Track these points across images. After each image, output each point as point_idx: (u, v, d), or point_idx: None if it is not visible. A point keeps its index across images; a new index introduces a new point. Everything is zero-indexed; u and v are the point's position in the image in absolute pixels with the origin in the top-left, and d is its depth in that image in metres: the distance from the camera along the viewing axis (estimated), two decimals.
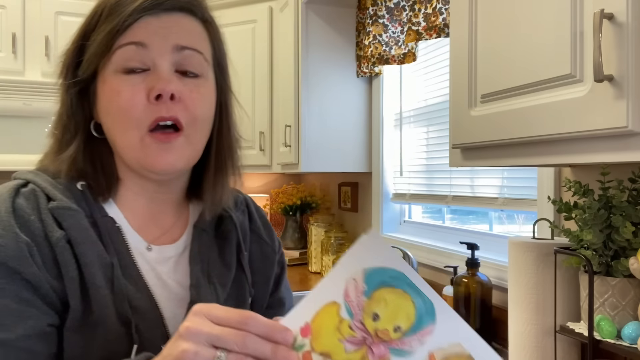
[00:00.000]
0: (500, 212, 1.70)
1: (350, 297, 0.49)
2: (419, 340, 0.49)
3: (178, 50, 0.70)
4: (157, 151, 0.68)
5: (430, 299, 0.49)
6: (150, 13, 0.69)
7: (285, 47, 2.40)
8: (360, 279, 0.49)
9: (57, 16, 2.72)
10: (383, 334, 0.49)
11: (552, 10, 0.77)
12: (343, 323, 0.49)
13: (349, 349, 0.49)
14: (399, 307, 0.49)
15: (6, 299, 0.61)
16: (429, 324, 0.49)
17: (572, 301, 1.06)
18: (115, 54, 0.68)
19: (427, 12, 1.76)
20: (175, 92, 0.68)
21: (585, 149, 0.73)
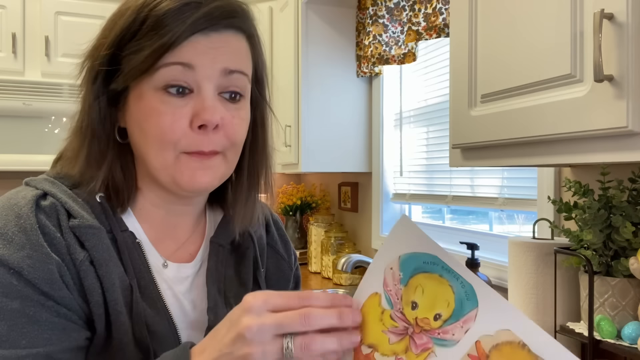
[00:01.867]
0: (500, 212, 1.70)
1: (388, 287, 0.49)
2: (461, 328, 0.46)
3: (226, 74, 0.66)
4: (193, 170, 0.66)
5: (469, 281, 0.46)
6: (201, 32, 0.64)
7: (285, 47, 2.40)
8: (396, 267, 0.49)
9: (57, 16, 2.72)
10: (424, 323, 0.48)
11: (552, 10, 0.77)
12: (385, 313, 0.49)
13: (392, 340, 0.49)
14: (436, 293, 0.47)
15: (47, 314, 0.59)
16: (471, 309, 0.45)
17: (572, 301, 1.06)
18: (158, 71, 0.64)
19: (427, 12, 1.76)
20: (219, 122, 0.65)
21: (585, 149, 0.73)
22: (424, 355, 0.47)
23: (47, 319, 0.59)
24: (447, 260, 0.47)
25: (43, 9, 2.70)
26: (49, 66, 2.70)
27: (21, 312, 0.58)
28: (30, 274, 0.59)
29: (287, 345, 0.49)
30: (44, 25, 2.70)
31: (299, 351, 0.49)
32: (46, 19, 2.70)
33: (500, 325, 0.44)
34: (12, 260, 0.59)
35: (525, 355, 0.43)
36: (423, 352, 0.47)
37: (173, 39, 0.63)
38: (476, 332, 0.45)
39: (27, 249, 0.59)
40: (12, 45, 2.65)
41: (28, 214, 0.61)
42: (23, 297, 0.59)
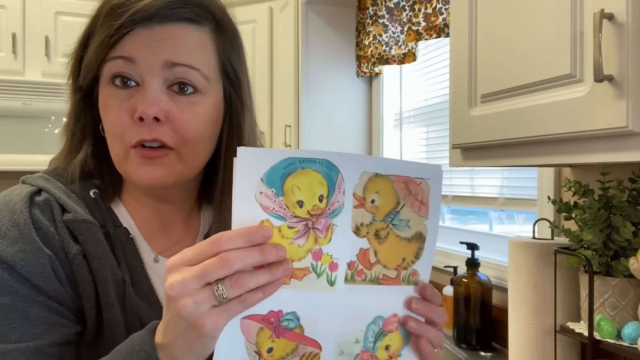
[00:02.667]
0: (500, 212, 1.70)
1: (270, 207, 0.50)
2: (339, 192, 0.53)
3: (169, 66, 0.65)
4: (141, 165, 0.66)
5: (323, 157, 0.52)
6: (142, 25, 0.64)
7: (285, 47, 2.40)
8: (264, 187, 0.50)
9: (57, 16, 2.72)
10: (315, 210, 0.52)
11: (552, 10, 0.77)
12: (282, 229, 0.51)
13: (301, 243, 0.51)
14: (309, 182, 0.51)
15: (37, 308, 0.60)
16: (337, 175, 0.52)
17: (572, 301, 1.06)
18: (105, 66, 0.66)
19: (427, 12, 1.76)
20: (158, 114, 0.64)
21: (585, 149, 0.73)
22: (330, 232, 0.53)
23: (37, 313, 0.60)
24: (298, 154, 0.51)
25: (43, 9, 2.70)
26: (49, 66, 2.70)
27: (12, 307, 0.59)
28: (22, 268, 0.60)
29: (217, 288, 0.47)
30: (44, 25, 2.70)
31: (231, 289, 0.47)
32: (46, 19, 2.70)
33: (357, 171, 0.53)
34: (5, 254, 0.60)
35: (382, 181, 0.55)
36: (328, 231, 0.52)
37: (113, 32, 0.64)
38: (349, 187, 0.53)
39: (20, 243, 0.61)
40: (12, 45, 2.66)
41: (22, 209, 0.63)
42: (14, 292, 0.59)
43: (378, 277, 0.57)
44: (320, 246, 0.52)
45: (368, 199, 0.55)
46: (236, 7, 0.78)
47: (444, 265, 1.67)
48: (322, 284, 0.53)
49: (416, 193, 0.58)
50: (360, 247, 0.55)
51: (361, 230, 0.55)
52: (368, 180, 0.54)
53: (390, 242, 0.57)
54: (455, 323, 1.46)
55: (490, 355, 1.38)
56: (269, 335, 0.51)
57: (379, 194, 0.55)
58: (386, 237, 0.57)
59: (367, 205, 0.55)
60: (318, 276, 0.53)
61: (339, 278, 0.54)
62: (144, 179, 0.66)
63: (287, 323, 0.52)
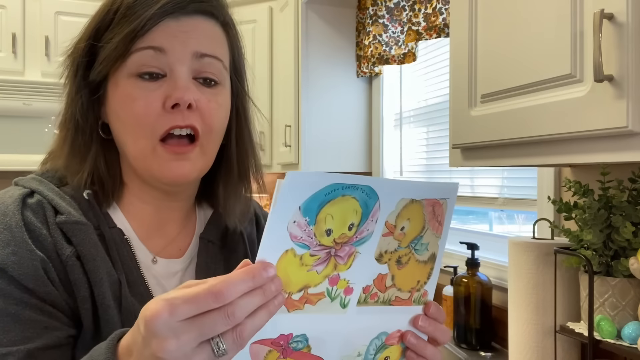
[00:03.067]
0: (500, 212, 1.70)
1: (298, 237, 0.47)
2: (372, 221, 0.50)
3: (197, 57, 0.66)
4: (169, 162, 0.66)
5: (366, 184, 0.48)
6: (171, 16, 0.65)
7: (285, 47, 2.40)
8: (299, 217, 0.47)
9: (57, 16, 2.72)
10: (341, 239, 0.49)
11: (552, 10, 0.77)
12: (304, 257, 0.48)
13: (320, 269, 0.49)
14: (343, 210, 0.48)
15: (29, 312, 0.60)
16: (374, 204, 0.49)
17: (572, 301, 1.06)
18: (131, 57, 0.65)
19: (427, 12, 1.76)
20: (193, 101, 0.65)
21: (585, 149, 0.73)
22: (351, 260, 0.50)
23: (29, 317, 0.59)
24: (343, 179, 0.47)
25: (43, 9, 2.70)
26: (49, 66, 2.70)
27: (3, 311, 0.59)
28: (14, 271, 0.59)
29: (217, 347, 0.44)
30: (44, 25, 2.70)
31: (233, 345, 0.44)
32: (46, 19, 2.70)
33: (396, 198, 0.51)
34: None
35: (415, 206, 0.53)
36: (349, 259, 0.50)
37: (142, 23, 0.64)
38: (383, 215, 0.51)
39: (12, 245, 0.60)
40: (12, 45, 2.66)
41: (14, 212, 0.62)
42: (6, 296, 0.59)
43: (390, 299, 0.56)
44: (339, 272, 0.51)
45: (399, 226, 0.53)
46: (236, 7, 0.79)
47: (444, 265, 1.67)
48: (335, 307, 0.52)
49: (438, 214, 0.57)
50: (379, 273, 0.54)
51: (384, 257, 0.53)
52: (403, 208, 0.53)
53: (410, 267, 0.56)
54: (455, 323, 1.46)
55: (490, 355, 1.38)
56: (277, 356, 0.50)
57: (410, 220, 0.54)
58: (407, 263, 0.56)
59: (397, 232, 0.53)
60: (332, 300, 0.51)
61: (352, 301, 0.53)
62: (173, 175, 0.66)
63: (295, 345, 0.51)
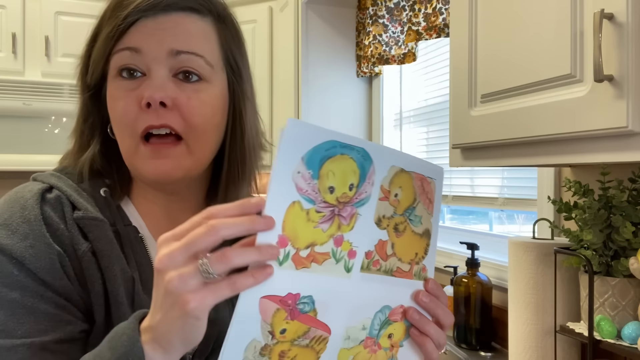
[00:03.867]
0: (500, 212, 1.70)
1: (303, 189, 0.50)
2: (369, 183, 0.54)
3: (174, 55, 0.66)
4: (150, 160, 0.66)
5: (361, 146, 0.52)
6: (146, 15, 0.65)
7: (285, 47, 2.40)
8: (303, 168, 0.49)
9: (57, 16, 2.72)
10: (343, 198, 0.52)
11: (552, 10, 0.77)
12: (310, 212, 0.50)
13: (325, 228, 0.52)
14: (344, 169, 0.52)
15: (45, 305, 0.60)
16: (369, 166, 0.54)
17: (572, 301, 1.06)
18: (112, 59, 0.67)
19: (427, 12, 1.76)
20: (165, 99, 0.65)
21: (585, 149, 0.73)
22: (353, 220, 0.53)
23: (44, 310, 0.60)
24: (341, 138, 0.51)
25: (43, 9, 2.70)
26: (49, 66, 2.70)
27: (20, 303, 0.59)
28: (32, 264, 0.60)
29: (202, 263, 0.45)
30: (44, 25, 2.70)
31: (216, 264, 0.45)
32: (46, 19, 2.70)
33: (387, 164, 0.55)
34: (15, 249, 0.60)
35: (405, 176, 0.57)
36: (351, 219, 0.53)
37: (118, 24, 0.65)
38: (377, 180, 0.55)
39: (30, 239, 0.61)
40: (12, 45, 2.65)
41: (33, 206, 0.63)
42: (23, 288, 0.60)
43: (392, 269, 0.58)
44: (343, 233, 0.53)
45: (392, 192, 0.57)
46: (236, 7, 0.78)
47: (444, 265, 1.67)
48: (340, 269, 0.54)
49: (427, 191, 0.61)
50: (380, 239, 0.56)
51: (382, 222, 0.56)
52: (394, 175, 0.56)
53: (407, 236, 0.59)
54: (455, 323, 1.46)
55: (490, 355, 1.39)
56: (284, 316, 0.51)
57: (402, 189, 0.57)
58: (404, 231, 0.59)
59: (391, 198, 0.57)
60: (337, 262, 0.53)
61: (355, 265, 0.55)
62: (153, 173, 0.67)
63: (302, 306, 0.52)
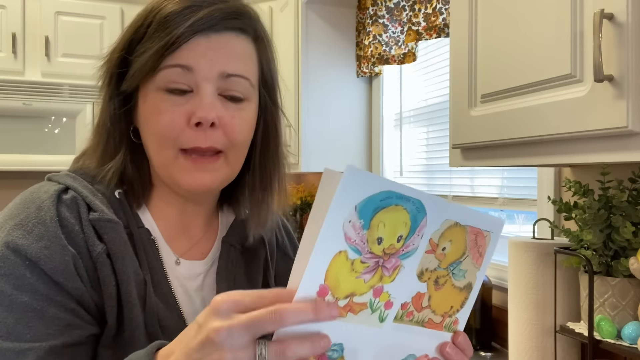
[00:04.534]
0: (500, 212, 1.70)
1: (352, 239, 0.48)
2: (418, 236, 0.52)
3: (224, 77, 0.67)
4: (191, 172, 0.67)
5: (417, 197, 0.50)
6: (200, 34, 0.66)
7: (285, 47, 2.40)
8: (355, 217, 0.47)
9: (57, 16, 2.72)
10: (390, 249, 0.50)
11: (552, 10, 0.77)
12: (355, 263, 0.49)
13: (367, 279, 0.50)
14: (395, 220, 0.50)
15: (54, 309, 0.60)
16: (422, 219, 0.51)
17: (572, 301, 1.06)
18: (160, 73, 0.66)
19: (427, 12, 1.76)
20: (216, 120, 0.66)
21: (585, 149, 0.73)
22: (395, 273, 0.52)
23: (54, 314, 0.60)
24: (398, 189, 0.49)
25: (43, 9, 2.70)
26: (49, 66, 2.70)
27: (29, 306, 0.60)
28: (45, 265, 0.60)
29: (260, 352, 0.45)
30: (44, 25, 2.70)
31: (274, 356, 0.45)
32: (46, 19, 2.70)
33: (442, 218, 0.53)
34: (31, 250, 0.61)
35: (459, 230, 0.55)
36: (394, 272, 0.52)
37: (172, 40, 0.65)
38: (428, 232, 0.52)
39: (45, 240, 0.62)
40: (12, 45, 2.65)
41: (49, 207, 0.64)
42: (33, 291, 0.60)
43: (424, 320, 0.57)
44: (383, 284, 0.51)
45: (440, 246, 0.54)
46: None
47: None
48: (374, 319, 0.52)
49: (480, 245, 0.58)
50: (418, 291, 0.55)
51: (424, 275, 0.55)
52: (447, 228, 0.54)
53: (446, 290, 0.57)
54: None
55: (490, 355, 1.38)
56: None
57: (452, 242, 0.55)
58: (444, 285, 0.57)
59: (438, 252, 0.54)
60: (372, 312, 0.52)
61: (389, 316, 0.53)
62: (193, 185, 0.68)
63: (331, 353, 0.51)
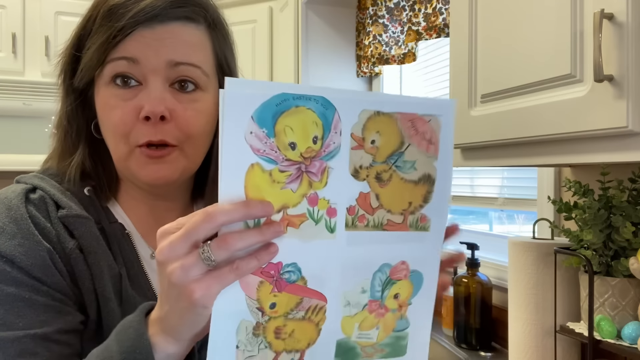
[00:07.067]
0: (500, 212, 1.70)
1: (260, 149, 0.46)
2: (336, 133, 0.49)
3: (172, 66, 0.66)
4: (147, 165, 0.66)
5: (318, 94, 0.48)
6: (144, 25, 0.64)
7: (285, 47, 2.40)
8: (254, 127, 0.45)
9: (57, 16, 2.72)
10: (309, 153, 0.48)
11: (552, 10, 0.77)
12: (273, 173, 0.47)
13: (294, 187, 0.48)
14: (302, 122, 0.47)
15: (42, 297, 0.61)
16: (333, 115, 0.49)
17: (572, 301, 1.06)
18: (106, 67, 0.65)
19: (427, 12, 1.76)
20: (164, 112, 0.64)
21: (585, 149, 0.73)
22: (325, 175, 0.49)
23: (42, 302, 0.60)
24: (293, 89, 0.47)
25: (43, 9, 2.70)
26: (49, 66, 2.70)
27: (17, 296, 0.60)
28: (22, 262, 0.60)
29: (203, 250, 0.45)
30: (44, 25, 2.70)
31: (217, 250, 0.45)
32: (46, 19, 2.70)
33: (356, 110, 0.49)
34: (4, 248, 0.60)
35: (384, 119, 0.51)
36: (323, 175, 0.49)
37: (114, 33, 0.64)
38: (346, 127, 0.49)
39: (18, 237, 0.61)
40: (12, 45, 2.66)
41: (18, 206, 0.63)
42: (18, 283, 0.60)
43: (382, 223, 0.53)
44: (316, 190, 0.49)
45: (368, 139, 0.51)
46: (236, 7, 0.79)
47: None
48: (321, 231, 0.50)
49: (424, 132, 0.53)
50: (360, 191, 0.51)
51: (360, 173, 0.51)
52: (368, 119, 0.50)
53: (394, 185, 0.53)
54: (455, 323, 1.46)
55: (490, 355, 1.38)
56: (270, 289, 0.48)
57: (380, 133, 0.51)
58: (389, 180, 0.52)
59: (367, 146, 0.51)
60: (316, 223, 0.49)
61: (339, 224, 0.50)
62: (150, 178, 0.67)
63: (288, 275, 0.49)
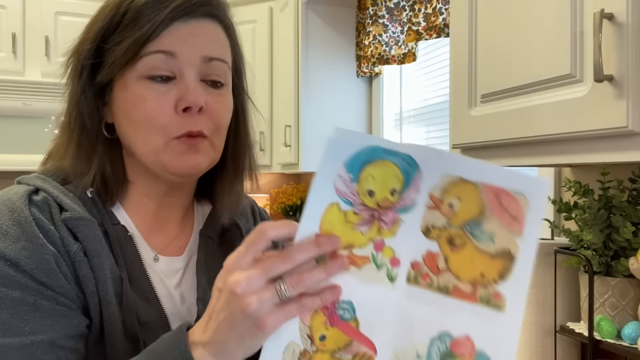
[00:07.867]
0: None
1: (342, 191, 0.51)
2: (415, 190, 0.52)
3: (206, 61, 0.68)
4: (183, 154, 0.67)
5: (406, 152, 0.52)
6: (180, 20, 0.67)
7: (285, 47, 2.40)
8: (343, 172, 0.51)
9: (57, 16, 2.72)
10: (384, 202, 0.52)
11: (552, 10, 0.77)
12: (348, 214, 0.51)
13: (364, 230, 0.51)
14: (385, 174, 0.52)
15: (47, 302, 0.60)
16: (415, 173, 0.52)
17: (572, 301, 1.06)
18: (141, 61, 0.66)
19: (427, 12, 1.76)
20: (204, 104, 0.67)
21: (585, 149, 0.73)
22: (395, 227, 0.52)
23: (48, 306, 0.60)
24: (384, 144, 0.51)
25: (43, 9, 2.70)
26: (49, 66, 2.70)
27: (22, 301, 0.59)
28: (27, 265, 0.60)
29: (279, 287, 0.49)
30: (44, 25, 2.70)
31: (292, 287, 0.49)
32: (46, 19, 2.70)
33: (441, 172, 0.52)
34: (9, 252, 0.60)
35: (466, 186, 0.52)
36: (393, 225, 0.52)
37: (153, 27, 0.65)
38: (426, 187, 0.52)
39: (22, 240, 0.61)
40: (12, 45, 2.66)
41: (21, 208, 0.63)
42: (22, 287, 0.59)
43: (447, 287, 0.51)
44: (383, 238, 0.51)
45: (446, 202, 0.52)
46: (236, 7, 0.79)
47: None
48: (382, 277, 0.51)
49: (508, 206, 0.52)
50: (429, 250, 0.51)
51: (432, 232, 0.52)
52: (450, 183, 0.52)
53: (467, 252, 0.52)
54: None
55: None
56: (324, 320, 0.51)
57: (460, 199, 0.51)
58: (462, 246, 0.52)
59: (444, 208, 0.52)
60: (378, 268, 0.51)
61: (400, 275, 0.51)
62: (185, 167, 0.68)
63: (342, 312, 0.51)
